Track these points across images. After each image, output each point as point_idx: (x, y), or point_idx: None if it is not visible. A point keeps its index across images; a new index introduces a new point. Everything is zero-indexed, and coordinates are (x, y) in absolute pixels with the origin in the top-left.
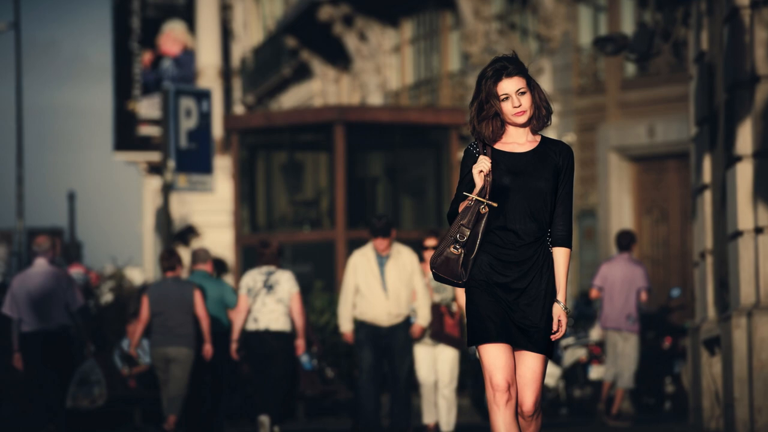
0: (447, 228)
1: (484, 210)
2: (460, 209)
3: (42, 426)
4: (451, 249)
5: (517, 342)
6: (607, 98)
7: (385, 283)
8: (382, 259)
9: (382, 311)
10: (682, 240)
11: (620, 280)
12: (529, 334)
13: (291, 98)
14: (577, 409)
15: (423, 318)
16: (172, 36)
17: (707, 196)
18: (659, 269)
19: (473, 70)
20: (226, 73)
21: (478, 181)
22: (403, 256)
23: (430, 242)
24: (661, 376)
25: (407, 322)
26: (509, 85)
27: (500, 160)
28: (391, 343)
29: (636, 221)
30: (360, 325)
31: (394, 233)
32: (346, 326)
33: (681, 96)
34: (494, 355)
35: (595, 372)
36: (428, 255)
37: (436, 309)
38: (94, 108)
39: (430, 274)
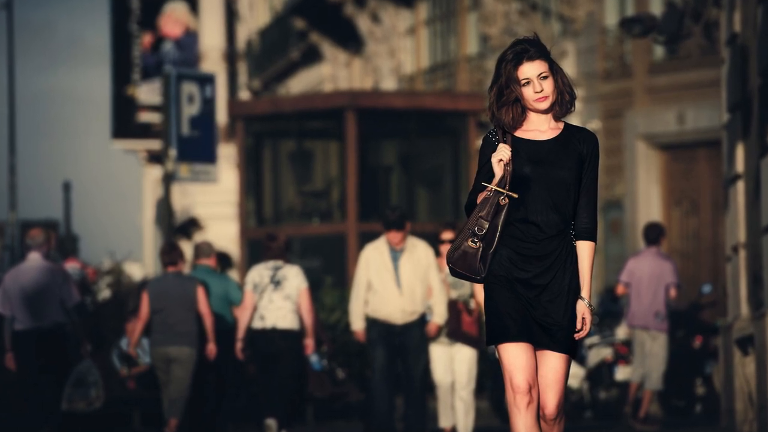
0: (464, 220)
1: (503, 201)
2: (478, 200)
3: (38, 427)
4: (469, 242)
5: (539, 341)
6: (635, 83)
7: (399, 279)
8: (395, 254)
9: (395, 308)
10: (714, 233)
11: (648, 276)
12: (552, 332)
13: (299, 83)
14: (603, 412)
15: (439, 315)
16: (174, 17)
17: (740, 186)
18: (689, 264)
19: (492, 53)
20: (231, 57)
21: (498, 170)
22: (418, 250)
23: (447, 235)
24: (692, 377)
25: (422, 320)
26: (530, 69)
27: (521, 148)
28: (405, 342)
29: (665, 213)
30: (372, 323)
31: (409, 226)
32: (357, 324)
33: (712, 81)
34: (514, 355)
35: (621, 373)
36: (445, 249)
37: (453, 306)
38: (90, 93)
39: (447, 269)
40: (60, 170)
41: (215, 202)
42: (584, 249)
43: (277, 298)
